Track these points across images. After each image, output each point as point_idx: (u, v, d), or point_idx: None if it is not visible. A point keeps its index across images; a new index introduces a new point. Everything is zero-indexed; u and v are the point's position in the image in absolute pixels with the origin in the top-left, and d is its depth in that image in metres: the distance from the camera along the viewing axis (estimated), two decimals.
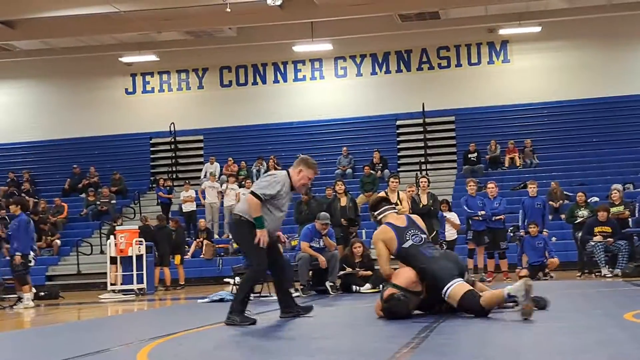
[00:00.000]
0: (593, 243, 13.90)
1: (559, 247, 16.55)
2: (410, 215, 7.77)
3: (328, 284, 11.86)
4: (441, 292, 6.68)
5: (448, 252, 7.75)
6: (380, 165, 22.75)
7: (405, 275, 6.87)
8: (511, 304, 6.47)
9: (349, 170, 23.48)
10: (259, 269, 7.03)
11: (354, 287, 11.99)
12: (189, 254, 19.26)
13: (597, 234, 13.96)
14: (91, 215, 23.09)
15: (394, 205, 7.70)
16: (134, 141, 26.44)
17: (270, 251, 7.03)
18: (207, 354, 5.08)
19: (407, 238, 7.07)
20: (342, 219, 13.31)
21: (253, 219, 6.88)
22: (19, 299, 12.87)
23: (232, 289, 11.76)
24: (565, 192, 19.52)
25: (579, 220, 14.93)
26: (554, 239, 17.16)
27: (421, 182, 14.05)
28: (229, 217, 20.70)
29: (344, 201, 13.70)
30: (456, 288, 6.63)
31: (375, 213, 7.41)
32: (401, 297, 6.70)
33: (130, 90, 27.03)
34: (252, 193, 6.93)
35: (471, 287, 6.70)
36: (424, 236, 7.18)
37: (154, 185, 24.51)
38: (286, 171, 7.26)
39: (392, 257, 7.11)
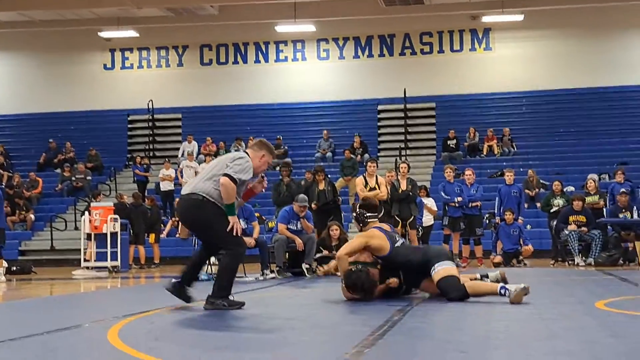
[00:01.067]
0: (567, 232, 14.01)
1: (534, 235, 16.70)
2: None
3: (304, 266, 11.86)
4: (429, 270, 6.80)
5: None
6: (361, 149, 22.75)
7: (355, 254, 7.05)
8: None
9: (329, 154, 23.46)
10: (240, 252, 6.44)
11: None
12: (164, 232, 19.17)
13: (572, 222, 14.08)
14: (66, 191, 22.90)
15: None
16: (111, 117, 26.22)
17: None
18: (179, 332, 5.06)
19: (397, 239, 7.22)
20: (313, 204, 13.25)
21: (225, 205, 6.28)
22: None
23: (207, 268, 11.72)
24: (541, 181, 19.65)
25: (554, 209, 15.04)
26: (529, 227, 17.30)
27: (401, 167, 14.08)
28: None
29: (322, 185, 13.70)
30: (446, 268, 6.75)
31: (368, 214, 7.31)
32: (360, 268, 6.82)
33: (109, 65, 26.79)
34: (229, 176, 6.23)
35: (458, 275, 6.81)
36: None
37: (130, 163, 24.35)
38: (246, 154, 6.58)
39: (380, 258, 7.03)
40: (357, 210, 7.41)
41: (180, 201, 6.64)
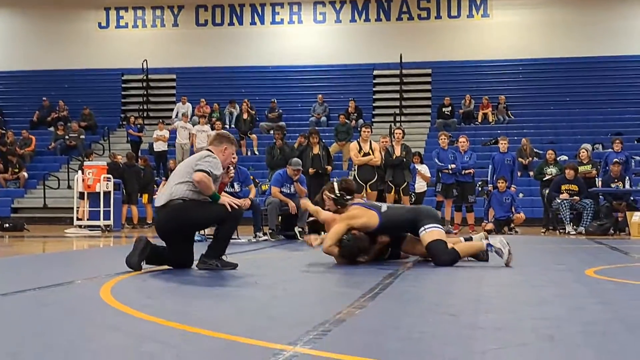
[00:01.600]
0: (559, 200, 14.07)
1: (526, 204, 16.78)
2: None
3: (297, 230, 11.91)
4: (418, 229, 6.81)
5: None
6: (355, 114, 22.70)
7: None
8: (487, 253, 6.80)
9: (324, 119, 23.40)
10: (235, 215, 6.25)
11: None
12: (157, 193, 19.15)
13: (564, 191, 14.14)
14: (59, 149, 22.85)
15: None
16: (105, 77, 26.07)
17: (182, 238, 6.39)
18: (172, 290, 5.09)
19: (379, 205, 7.15)
20: (310, 169, 13.27)
21: (209, 196, 6.20)
22: None
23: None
24: (535, 150, 19.68)
25: (547, 177, 15.09)
26: (521, 195, 17.36)
27: (396, 133, 14.05)
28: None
29: (316, 149, 13.68)
30: (437, 231, 6.75)
31: (347, 197, 7.24)
32: (347, 238, 6.78)
33: (104, 24, 26.56)
34: (202, 171, 6.14)
35: (446, 240, 6.82)
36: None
37: (124, 123, 24.26)
38: (209, 151, 6.48)
39: (372, 232, 7.00)
40: (338, 192, 7.13)
41: (161, 212, 6.38)
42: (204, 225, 6.53)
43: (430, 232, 6.74)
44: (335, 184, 7.18)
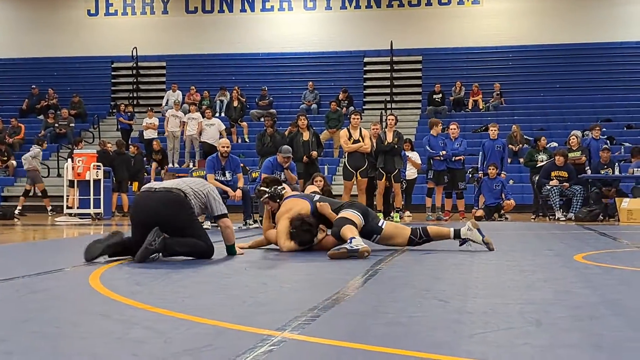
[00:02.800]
0: (549, 187, 14.13)
1: (516, 190, 16.83)
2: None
3: None
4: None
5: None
6: (346, 102, 22.68)
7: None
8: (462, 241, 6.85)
9: (314, 106, 23.37)
10: (209, 251, 6.23)
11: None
12: (151, 180, 19.12)
13: (554, 178, 14.19)
14: (49, 137, 22.75)
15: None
16: (95, 64, 25.96)
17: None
18: (159, 278, 5.09)
19: (312, 195, 7.26)
20: (304, 156, 13.29)
21: (229, 245, 6.49)
22: None
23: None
24: (525, 137, 19.73)
25: (537, 164, 15.14)
26: (511, 181, 17.42)
27: (388, 119, 14.02)
28: (191, 147, 20.53)
29: (306, 136, 13.66)
30: (347, 212, 6.72)
31: (279, 188, 7.26)
32: (295, 225, 6.81)
33: (93, 11, 26.41)
34: (227, 217, 6.42)
35: (355, 221, 6.70)
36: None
37: (114, 111, 24.17)
38: None
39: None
40: (268, 189, 7.17)
41: (153, 194, 6.13)
42: (179, 233, 6.09)
43: (344, 212, 6.73)
44: (262, 187, 7.27)
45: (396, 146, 13.63)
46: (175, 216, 6.07)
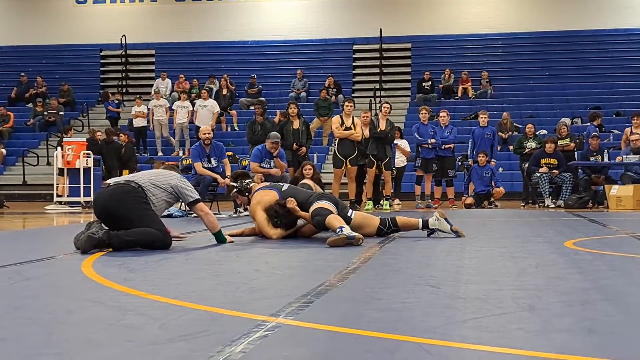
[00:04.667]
0: (538, 174, 14.18)
1: (505, 178, 16.89)
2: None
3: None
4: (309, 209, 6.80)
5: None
6: (335, 89, 22.65)
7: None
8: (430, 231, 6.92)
9: (303, 94, 23.33)
10: (166, 244, 6.06)
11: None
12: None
13: (543, 165, 14.24)
14: (38, 125, 22.66)
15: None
16: (84, 52, 25.83)
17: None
18: (152, 264, 5.09)
19: (280, 185, 7.31)
20: (294, 144, 13.28)
21: (216, 233, 6.42)
22: None
23: (181, 205, 11.75)
24: (515, 124, 19.78)
25: (527, 151, 15.18)
26: (500, 169, 17.47)
27: (384, 107, 14.00)
28: (175, 133, 20.46)
29: (296, 124, 13.65)
30: (322, 203, 6.75)
31: (246, 181, 7.26)
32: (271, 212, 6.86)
33: None
34: (199, 200, 6.36)
35: (331, 209, 6.72)
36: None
37: (102, 99, 24.08)
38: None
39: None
40: (236, 183, 7.18)
41: (105, 189, 6.18)
42: (133, 225, 5.97)
43: (318, 203, 6.75)
44: (230, 181, 7.28)
45: (389, 135, 13.63)
46: (123, 207, 5.99)
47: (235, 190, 7.21)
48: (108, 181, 6.43)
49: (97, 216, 6.22)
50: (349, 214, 6.90)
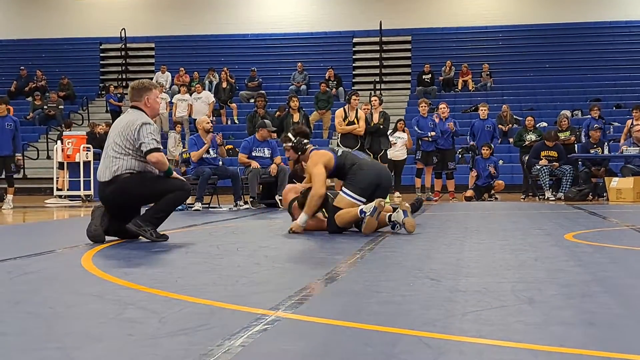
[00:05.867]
0: (538, 167, 14.17)
1: (505, 170, 16.89)
2: None
3: (277, 198, 11.92)
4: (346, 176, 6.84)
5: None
6: (335, 82, 22.63)
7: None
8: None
9: (304, 87, 23.30)
10: (186, 189, 6.35)
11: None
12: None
13: (543, 157, 14.23)
14: (38, 119, 22.64)
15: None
16: (83, 46, 25.81)
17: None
18: (152, 258, 5.09)
19: (335, 149, 7.28)
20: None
21: (164, 172, 6.21)
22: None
23: None
24: (515, 117, 19.76)
25: (527, 144, 15.18)
26: (501, 162, 17.47)
27: (372, 100, 13.98)
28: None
29: (296, 117, 13.66)
30: (345, 200, 6.72)
31: (304, 141, 7.24)
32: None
33: None
34: (154, 150, 6.07)
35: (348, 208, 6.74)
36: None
37: (103, 92, 24.06)
38: (135, 109, 6.31)
39: (332, 172, 7.01)
40: (295, 138, 7.16)
41: (107, 188, 6.16)
42: (157, 198, 6.16)
43: (342, 198, 6.71)
44: (290, 134, 7.22)
45: (382, 127, 13.61)
46: (131, 200, 6.18)
47: (290, 144, 7.17)
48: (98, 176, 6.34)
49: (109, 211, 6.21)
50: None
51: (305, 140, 7.19)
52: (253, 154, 12.07)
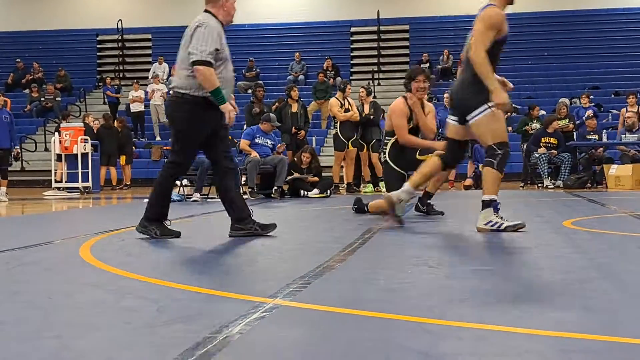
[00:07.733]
0: (537, 155, 14.17)
1: None
2: None
3: (274, 188, 11.94)
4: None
5: None
6: (333, 72, 22.59)
7: None
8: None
9: (301, 77, 23.26)
10: (183, 166, 5.73)
11: (302, 192, 12.26)
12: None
13: (542, 145, 14.23)
14: (35, 111, 22.60)
15: None
16: (80, 37, 25.73)
17: (212, 149, 5.69)
18: (150, 248, 5.08)
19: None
20: (293, 127, 13.35)
21: (210, 92, 5.37)
22: None
23: (180, 189, 11.77)
24: (513, 105, 19.72)
25: (531, 132, 15.16)
26: None
27: (360, 92, 13.96)
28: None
29: (295, 107, 13.66)
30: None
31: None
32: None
33: None
34: (199, 62, 5.39)
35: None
36: None
37: (100, 84, 24.01)
38: (207, 13, 5.71)
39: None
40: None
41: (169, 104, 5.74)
42: (176, 135, 5.62)
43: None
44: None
45: (372, 117, 13.60)
46: (171, 118, 5.65)
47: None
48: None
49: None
50: None
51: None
52: (256, 141, 12.07)
